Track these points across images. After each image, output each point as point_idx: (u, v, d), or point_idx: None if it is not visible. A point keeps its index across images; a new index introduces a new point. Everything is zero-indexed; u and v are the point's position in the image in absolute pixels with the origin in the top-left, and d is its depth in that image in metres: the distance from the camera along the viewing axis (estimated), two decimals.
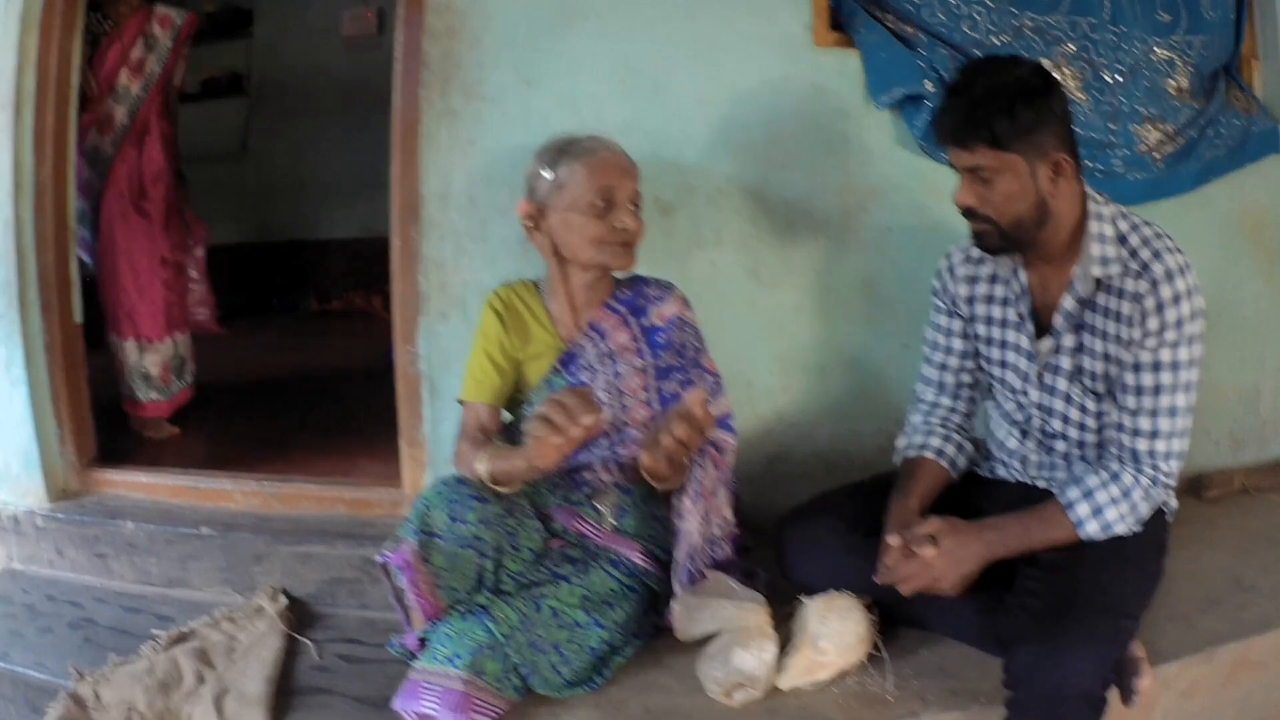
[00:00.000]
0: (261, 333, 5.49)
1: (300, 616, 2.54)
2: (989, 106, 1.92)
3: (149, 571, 2.72)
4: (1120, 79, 2.88)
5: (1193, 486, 3.03)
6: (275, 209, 6.51)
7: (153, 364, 3.66)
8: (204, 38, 6.33)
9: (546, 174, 2.15)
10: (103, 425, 3.19)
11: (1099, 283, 2.05)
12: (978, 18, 2.73)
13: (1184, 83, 3.02)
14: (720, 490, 2.21)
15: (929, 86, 2.64)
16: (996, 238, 2.04)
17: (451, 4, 2.54)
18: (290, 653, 2.37)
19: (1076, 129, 2.67)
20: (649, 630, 2.16)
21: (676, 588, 2.07)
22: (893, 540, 2.01)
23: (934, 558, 1.95)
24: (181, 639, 2.40)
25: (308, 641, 2.41)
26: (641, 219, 2.19)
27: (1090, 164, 2.79)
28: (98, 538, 2.77)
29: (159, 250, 3.69)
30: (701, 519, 2.09)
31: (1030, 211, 1.99)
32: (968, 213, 2.05)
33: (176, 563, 2.69)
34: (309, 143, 6.35)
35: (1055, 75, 2.71)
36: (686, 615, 2.03)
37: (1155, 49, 2.97)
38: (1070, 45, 2.84)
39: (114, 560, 2.75)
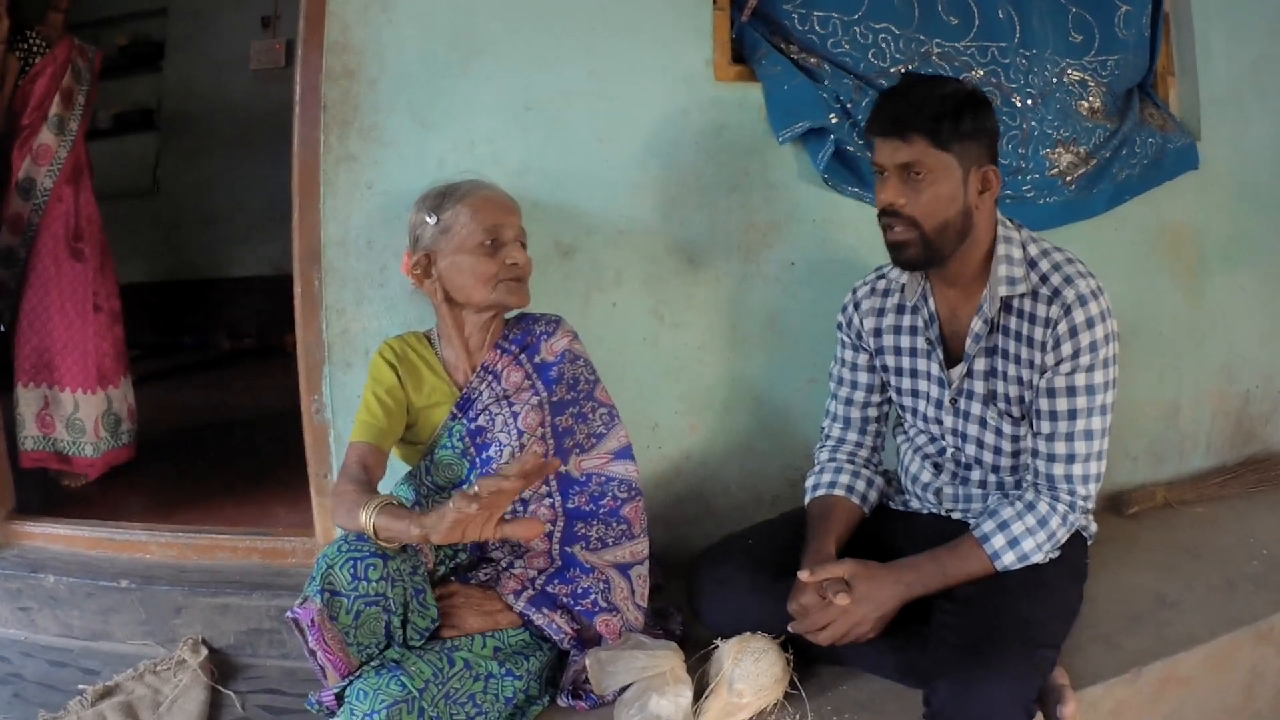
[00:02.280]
0: (174, 374, 5.50)
1: (222, 667, 2.59)
2: (935, 105, 1.99)
3: (72, 625, 2.76)
4: (1031, 102, 2.96)
5: (1113, 504, 3.11)
6: (186, 246, 6.54)
7: (87, 416, 3.64)
8: (115, 71, 6.36)
9: (430, 220, 2.21)
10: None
11: (1009, 306, 2.10)
12: (884, 46, 2.81)
13: (1097, 103, 3.12)
14: (636, 582, 2.27)
15: (833, 119, 2.70)
16: (919, 247, 2.05)
17: (349, 44, 2.56)
18: (214, 705, 2.45)
19: None
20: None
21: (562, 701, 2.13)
22: (804, 576, 2.05)
23: (849, 605, 1.99)
24: (107, 694, 2.47)
25: (231, 694, 2.48)
26: (529, 255, 2.25)
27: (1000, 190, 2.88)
28: (20, 591, 2.80)
29: (91, 296, 3.68)
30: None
31: (956, 219, 2.04)
32: (890, 212, 2.06)
33: (99, 615, 2.73)
34: (219, 177, 6.39)
35: None
36: (600, 670, 2.07)
37: (1068, 70, 3.07)
38: (979, 71, 2.92)
39: (37, 614, 2.78)
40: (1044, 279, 2.07)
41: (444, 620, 2.10)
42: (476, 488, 1.77)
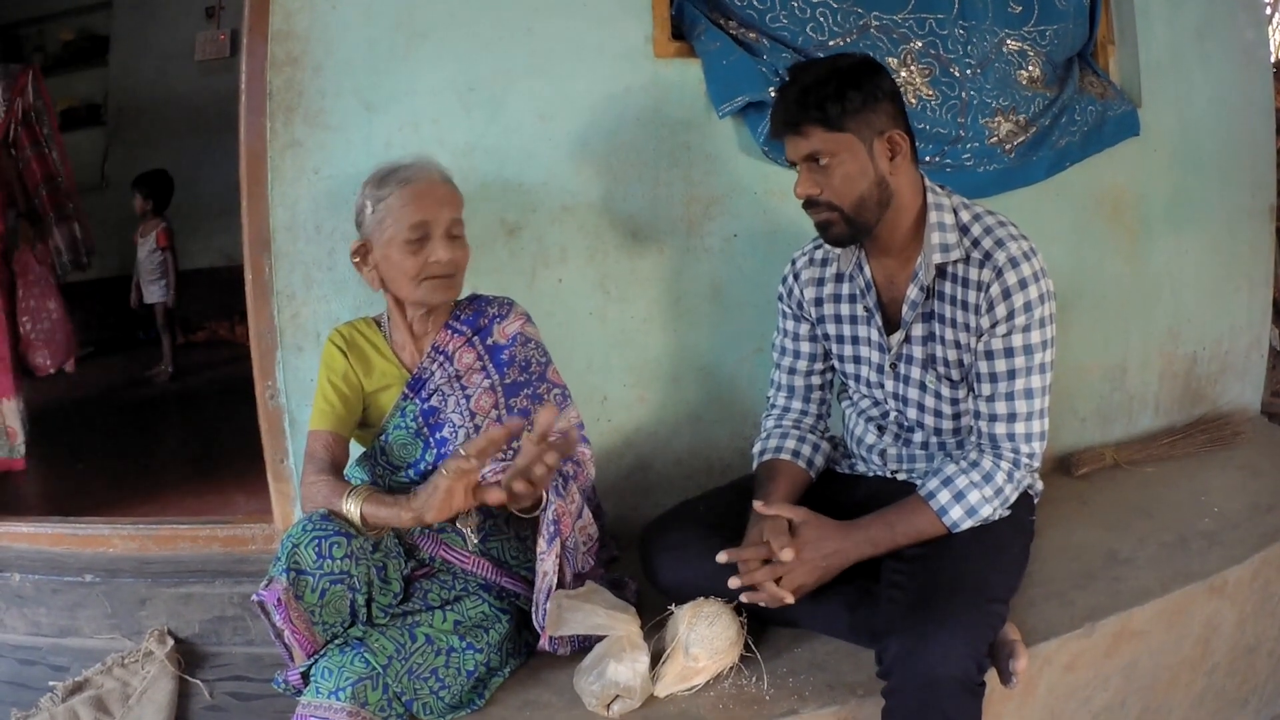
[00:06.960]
0: (129, 368, 5.56)
1: (188, 657, 2.67)
2: (818, 91, 2.08)
3: (40, 622, 2.81)
4: (970, 72, 3.05)
5: (1062, 464, 3.23)
6: None
7: None
8: (61, 67, 6.39)
9: (368, 208, 2.23)
10: None
11: (943, 272, 2.19)
12: (822, 20, 2.89)
13: (1036, 72, 3.23)
14: (584, 509, 2.30)
15: (772, 93, 2.77)
16: (842, 225, 2.16)
17: (294, 31, 2.62)
18: (182, 695, 2.53)
19: (924, 124, 2.88)
20: (524, 649, 2.28)
21: (538, 626, 2.16)
22: (759, 506, 2.16)
23: (798, 548, 2.08)
24: (78, 689, 2.55)
25: (198, 682, 2.57)
26: (466, 244, 2.27)
27: (939, 159, 2.99)
28: None
29: None
30: (558, 557, 2.17)
31: (872, 190, 2.13)
32: (810, 204, 2.17)
33: (65, 612, 2.78)
34: (169, 170, 6.33)
35: (901, 72, 2.92)
36: (558, 612, 2.10)
37: (1007, 41, 3.17)
38: (917, 42, 3.01)
39: (5, 613, 2.84)
40: (976, 243, 2.16)
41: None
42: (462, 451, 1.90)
